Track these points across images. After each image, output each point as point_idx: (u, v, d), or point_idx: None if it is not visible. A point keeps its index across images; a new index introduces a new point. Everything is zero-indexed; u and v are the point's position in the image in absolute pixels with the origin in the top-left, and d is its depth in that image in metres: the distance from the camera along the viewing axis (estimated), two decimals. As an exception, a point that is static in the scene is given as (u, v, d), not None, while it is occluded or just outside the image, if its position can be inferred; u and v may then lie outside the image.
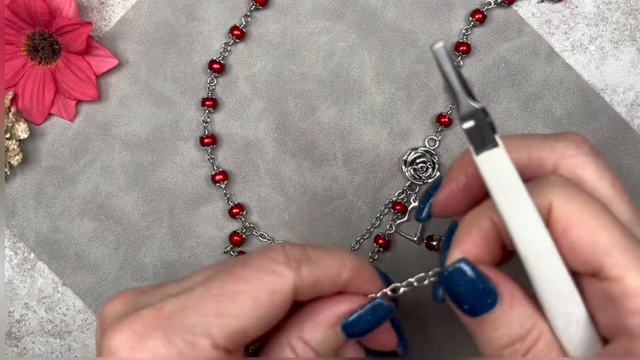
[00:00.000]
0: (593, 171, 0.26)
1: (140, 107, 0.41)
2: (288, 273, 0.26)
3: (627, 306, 0.22)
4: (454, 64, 0.24)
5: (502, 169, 0.24)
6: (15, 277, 0.42)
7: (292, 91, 0.41)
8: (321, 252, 0.27)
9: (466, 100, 0.24)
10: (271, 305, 0.25)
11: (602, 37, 0.41)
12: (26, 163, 0.41)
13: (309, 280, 0.26)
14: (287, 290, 0.26)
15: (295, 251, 0.27)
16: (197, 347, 0.24)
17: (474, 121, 0.24)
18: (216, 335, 0.24)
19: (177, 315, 0.25)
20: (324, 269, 0.27)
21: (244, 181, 0.41)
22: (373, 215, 0.41)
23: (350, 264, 0.27)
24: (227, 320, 0.25)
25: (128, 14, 0.41)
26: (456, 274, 0.25)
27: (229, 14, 0.41)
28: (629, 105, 0.40)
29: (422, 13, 0.41)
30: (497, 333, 0.25)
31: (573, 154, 0.26)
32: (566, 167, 0.26)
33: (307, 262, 0.26)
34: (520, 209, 0.24)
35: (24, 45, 0.40)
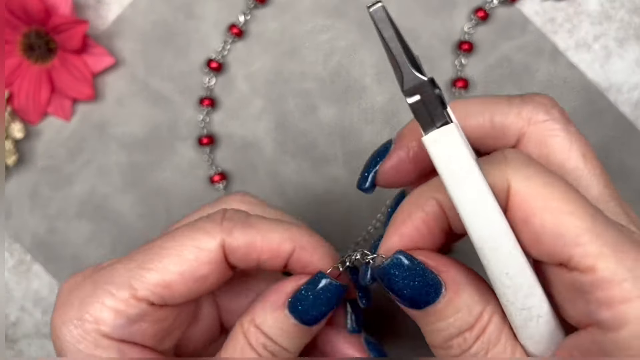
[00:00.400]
0: (563, 139, 0.24)
1: (138, 107, 0.41)
2: (217, 232, 0.26)
3: (599, 297, 0.20)
4: (396, 29, 0.21)
5: (454, 150, 0.21)
6: (11, 279, 0.41)
7: (291, 90, 0.41)
8: (266, 220, 0.27)
9: (410, 71, 0.21)
10: (197, 261, 0.25)
11: (606, 36, 0.40)
12: (22, 163, 0.41)
13: (241, 243, 0.26)
14: (212, 247, 0.26)
15: (236, 215, 0.27)
16: (118, 297, 0.25)
17: (420, 95, 0.21)
18: (137, 287, 0.25)
19: (108, 269, 0.26)
20: (262, 235, 0.26)
21: (243, 181, 0.41)
22: (374, 216, 0.40)
23: (297, 237, 0.27)
24: (149, 273, 0.25)
25: (125, 12, 0.41)
26: (392, 267, 0.23)
27: (227, 12, 0.41)
28: (634, 105, 0.40)
29: (424, 11, 0.40)
30: (443, 323, 0.23)
31: (541, 120, 0.24)
32: (533, 135, 0.24)
33: (244, 226, 0.26)
34: (473, 196, 0.21)
35: (19, 44, 0.40)
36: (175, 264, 0.25)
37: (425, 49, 0.40)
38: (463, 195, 0.21)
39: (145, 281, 0.25)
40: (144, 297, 0.25)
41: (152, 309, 0.26)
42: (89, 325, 0.25)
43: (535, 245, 0.21)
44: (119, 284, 0.25)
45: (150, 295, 0.25)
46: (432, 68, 0.40)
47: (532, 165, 0.22)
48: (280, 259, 0.27)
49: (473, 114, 0.25)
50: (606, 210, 0.23)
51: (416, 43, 0.40)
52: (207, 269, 0.26)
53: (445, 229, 0.24)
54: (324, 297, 0.26)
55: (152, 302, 0.26)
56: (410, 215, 0.24)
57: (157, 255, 0.26)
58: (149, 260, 0.26)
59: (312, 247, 0.27)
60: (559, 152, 0.24)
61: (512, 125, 0.25)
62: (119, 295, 0.25)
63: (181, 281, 0.25)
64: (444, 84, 0.40)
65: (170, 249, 0.26)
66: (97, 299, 0.25)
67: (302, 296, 0.26)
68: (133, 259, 0.26)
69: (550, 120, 0.24)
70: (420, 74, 0.21)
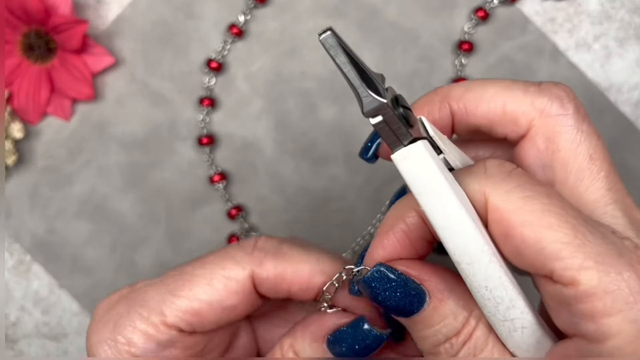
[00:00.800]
0: (571, 138, 0.23)
1: (137, 107, 0.41)
2: (247, 262, 0.26)
3: (582, 310, 0.20)
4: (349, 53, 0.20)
5: (422, 168, 0.21)
6: (11, 279, 0.41)
7: (291, 90, 0.41)
8: (297, 251, 0.26)
9: (367, 94, 0.20)
10: (226, 291, 0.25)
11: (606, 36, 0.40)
12: (21, 163, 0.41)
13: (272, 275, 0.26)
14: (241, 278, 0.26)
15: (268, 243, 0.27)
16: (149, 322, 0.25)
17: (382, 117, 0.21)
18: (167, 313, 0.25)
19: (142, 291, 0.26)
20: (293, 267, 0.26)
21: (242, 182, 0.41)
22: (374, 216, 0.40)
23: (329, 270, 0.26)
24: (179, 300, 0.25)
25: (125, 11, 0.41)
26: (373, 280, 0.23)
27: (227, 12, 0.41)
28: (634, 105, 0.40)
29: (424, 11, 0.40)
30: (430, 330, 0.23)
31: (553, 114, 0.23)
32: (542, 128, 0.23)
33: (276, 256, 0.26)
34: (445, 212, 0.21)
35: (19, 43, 0.40)
36: (205, 293, 0.26)
37: (425, 49, 0.40)
38: (435, 211, 0.21)
39: (175, 308, 0.25)
40: (174, 324, 0.25)
41: (182, 336, 0.26)
42: (122, 347, 0.26)
43: (517, 259, 0.21)
44: (151, 308, 0.26)
45: (179, 322, 0.26)
46: (432, 68, 0.40)
47: (512, 178, 0.22)
48: (311, 291, 0.26)
49: (486, 98, 0.24)
50: (604, 214, 0.23)
51: (416, 43, 0.40)
52: (235, 298, 0.26)
53: (428, 239, 0.24)
54: (363, 343, 0.25)
55: (181, 328, 0.26)
56: (393, 227, 0.24)
57: (188, 282, 0.26)
58: (180, 287, 0.26)
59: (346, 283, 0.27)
60: (564, 150, 0.23)
61: (523, 115, 0.24)
62: (150, 320, 0.26)
63: (210, 310, 0.26)
64: (444, 84, 0.40)
65: (200, 276, 0.26)
66: (130, 321, 0.26)
67: (342, 337, 0.26)
68: (165, 283, 0.26)
69: (562, 116, 0.23)
70: (379, 96, 0.20)
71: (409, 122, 0.21)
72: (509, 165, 0.22)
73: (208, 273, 0.26)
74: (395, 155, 0.21)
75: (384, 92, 0.21)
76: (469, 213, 0.21)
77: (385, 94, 0.21)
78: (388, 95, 0.21)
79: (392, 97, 0.21)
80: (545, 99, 0.24)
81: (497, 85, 0.25)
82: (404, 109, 0.21)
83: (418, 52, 0.40)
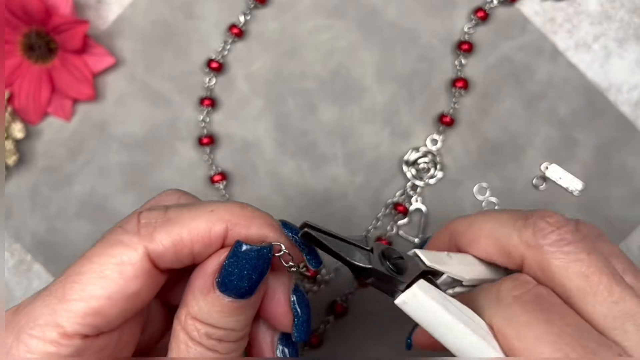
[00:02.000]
0: (560, 263, 0.24)
1: (138, 107, 0.41)
2: (136, 241, 0.23)
3: None
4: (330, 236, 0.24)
5: (423, 306, 0.23)
6: (12, 279, 0.41)
7: (291, 90, 0.41)
8: (186, 210, 0.24)
9: (355, 265, 0.24)
10: (122, 279, 0.23)
11: (606, 36, 0.40)
12: (22, 163, 0.41)
13: (168, 244, 0.24)
14: (137, 260, 0.23)
15: (152, 215, 0.24)
16: (47, 340, 0.23)
17: (372, 277, 0.24)
18: (64, 323, 0.23)
19: (27, 310, 0.23)
20: (187, 227, 0.24)
21: (243, 182, 0.41)
22: (374, 216, 0.40)
23: (226, 215, 0.24)
24: (73, 304, 0.23)
25: (125, 12, 0.41)
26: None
27: (227, 12, 0.41)
28: (634, 105, 0.40)
29: (424, 11, 0.40)
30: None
31: (538, 245, 0.25)
32: (532, 259, 0.25)
33: (165, 225, 0.24)
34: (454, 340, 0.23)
35: (20, 44, 0.40)
36: (100, 288, 0.23)
37: (425, 49, 0.40)
38: (443, 339, 0.24)
39: (71, 315, 0.23)
40: (75, 332, 0.23)
41: (89, 341, 0.23)
42: None
43: None
44: (43, 325, 0.23)
45: (80, 328, 0.23)
46: (431, 68, 0.40)
47: (516, 304, 0.24)
48: (215, 244, 0.24)
49: (484, 234, 0.26)
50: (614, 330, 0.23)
51: (416, 43, 0.40)
52: (136, 283, 0.23)
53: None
54: (250, 265, 0.24)
55: (84, 334, 0.23)
56: None
57: (77, 283, 0.23)
58: (69, 291, 0.23)
59: (246, 220, 0.25)
60: (557, 274, 0.24)
61: (514, 249, 0.25)
62: (47, 337, 0.23)
63: (111, 304, 0.23)
64: (444, 84, 0.40)
65: (90, 272, 0.23)
66: (23, 347, 0.23)
67: (228, 271, 0.24)
68: (52, 292, 0.23)
69: (546, 245, 0.25)
70: (364, 263, 0.24)
71: (400, 271, 0.24)
72: (520, 289, 0.24)
73: (97, 266, 0.23)
74: (397, 301, 0.24)
75: (369, 255, 0.24)
76: (475, 334, 0.23)
77: (371, 256, 0.24)
78: (374, 254, 0.24)
79: (380, 252, 0.24)
80: (529, 232, 0.25)
81: (494, 220, 0.26)
82: (393, 259, 0.24)
83: (418, 52, 0.40)
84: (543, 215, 0.25)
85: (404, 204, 0.40)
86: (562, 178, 0.40)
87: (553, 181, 0.40)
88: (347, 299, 0.40)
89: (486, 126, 0.40)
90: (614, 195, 0.40)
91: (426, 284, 0.24)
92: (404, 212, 0.40)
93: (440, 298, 0.24)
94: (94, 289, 0.23)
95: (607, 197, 0.40)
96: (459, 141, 0.40)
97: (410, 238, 0.40)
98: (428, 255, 0.25)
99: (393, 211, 0.40)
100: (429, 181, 0.40)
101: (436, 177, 0.40)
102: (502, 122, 0.40)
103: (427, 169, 0.40)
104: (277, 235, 0.25)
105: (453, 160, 0.40)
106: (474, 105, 0.40)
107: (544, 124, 0.40)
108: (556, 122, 0.40)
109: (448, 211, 0.40)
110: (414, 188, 0.40)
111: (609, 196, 0.40)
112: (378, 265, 0.24)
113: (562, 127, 0.40)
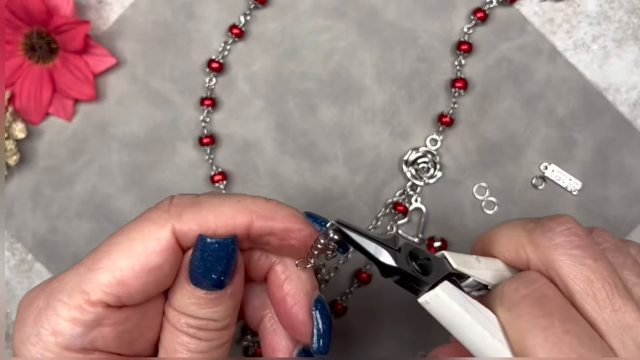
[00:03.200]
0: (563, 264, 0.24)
1: (139, 107, 0.41)
2: (165, 219, 0.25)
3: None
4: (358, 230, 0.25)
5: (444, 306, 0.24)
6: (13, 278, 0.41)
7: (291, 90, 0.41)
8: (216, 197, 0.26)
9: (380, 262, 0.24)
10: (147, 253, 0.24)
11: (604, 36, 0.40)
12: (23, 163, 0.41)
13: (194, 225, 0.25)
14: (163, 236, 0.25)
15: (184, 199, 0.26)
16: (71, 305, 0.24)
17: (398, 275, 0.25)
18: (89, 290, 0.24)
19: (59, 277, 0.25)
20: (214, 212, 0.25)
21: (243, 181, 0.41)
22: (374, 216, 0.40)
23: (251, 206, 0.26)
24: (99, 274, 0.24)
25: (126, 12, 0.41)
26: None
27: (228, 13, 0.41)
28: (632, 105, 0.40)
29: (424, 11, 0.40)
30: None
31: (544, 246, 0.25)
32: (538, 260, 0.25)
33: (194, 207, 0.25)
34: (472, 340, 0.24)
35: (21, 44, 0.40)
36: (125, 258, 0.24)
37: (424, 49, 0.40)
38: (462, 339, 0.24)
39: (97, 282, 0.24)
40: (99, 300, 0.24)
41: (110, 312, 0.24)
42: (47, 339, 0.24)
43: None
44: (70, 290, 0.24)
45: (104, 297, 0.24)
46: (431, 68, 0.40)
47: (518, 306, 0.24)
48: (238, 232, 0.25)
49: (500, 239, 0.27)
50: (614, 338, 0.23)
51: (416, 43, 0.40)
52: (159, 258, 0.25)
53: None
54: (214, 257, 0.25)
55: (107, 303, 0.24)
56: None
57: (106, 253, 0.24)
58: (98, 260, 0.24)
59: (270, 213, 0.26)
60: (561, 274, 0.24)
61: (522, 248, 0.26)
62: (72, 303, 0.24)
63: (134, 275, 0.24)
64: (443, 84, 0.40)
65: (119, 244, 0.25)
66: (51, 311, 0.24)
67: (195, 265, 0.25)
68: (83, 263, 0.25)
69: (554, 245, 0.25)
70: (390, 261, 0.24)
71: (426, 272, 0.25)
72: (524, 289, 0.24)
73: (126, 239, 0.25)
74: (420, 300, 0.25)
75: (396, 254, 0.25)
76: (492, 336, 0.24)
77: (398, 255, 0.25)
78: (402, 253, 0.25)
79: (407, 252, 0.25)
80: (537, 234, 0.25)
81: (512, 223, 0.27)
82: (420, 260, 0.25)
83: (417, 52, 0.40)
84: (554, 218, 0.25)
85: (404, 204, 0.40)
86: (561, 178, 0.40)
87: (552, 181, 0.40)
88: (346, 299, 0.40)
89: (485, 126, 0.40)
90: (613, 195, 0.40)
91: (450, 285, 0.25)
92: (403, 212, 0.40)
93: (462, 300, 0.24)
94: (120, 259, 0.24)
95: (605, 197, 0.40)
96: (459, 141, 0.40)
97: (410, 238, 0.40)
98: (456, 258, 0.26)
99: (393, 211, 0.40)
100: (428, 181, 0.40)
101: (436, 177, 0.40)
102: (501, 122, 0.40)
103: (427, 168, 0.40)
104: (302, 226, 0.26)
105: (452, 160, 0.40)
106: (474, 105, 0.40)
107: (543, 124, 0.40)
108: (555, 122, 0.40)
109: (447, 211, 0.40)
110: (413, 188, 0.40)
111: (608, 196, 0.40)
112: (404, 265, 0.25)
113: (561, 127, 0.40)
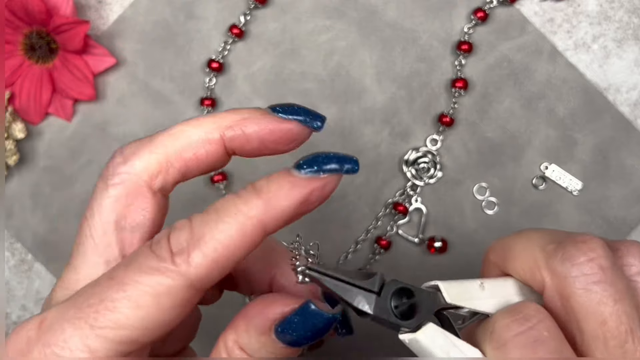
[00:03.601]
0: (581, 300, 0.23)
1: (138, 107, 0.41)
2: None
3: None
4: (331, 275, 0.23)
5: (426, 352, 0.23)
6: (12, 279, 0.41)
7: (291, 90, 0.41)
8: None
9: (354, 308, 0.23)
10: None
11: (605, 36, 0.40)
12: (23, 163, 0.41)
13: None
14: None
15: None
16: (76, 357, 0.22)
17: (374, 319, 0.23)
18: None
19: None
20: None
21: (243, 181, 0.41)
22: (374, 216, 0.40)
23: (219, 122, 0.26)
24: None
25: (126, 12, 0.41)
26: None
27: (228, 13, 0.41)
28: (633, 105, 0.40)
29: (424, 11, 0.40)
30: None
31: (563, 275, 0.23)
32: (554, 288, 0.23)
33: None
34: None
35: (21, 44, 0.40)
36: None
37: (424, 49, 0.40)
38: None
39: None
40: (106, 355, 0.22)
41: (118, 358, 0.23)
42: None
43: None
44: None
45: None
46: (431, 68, 0.40)
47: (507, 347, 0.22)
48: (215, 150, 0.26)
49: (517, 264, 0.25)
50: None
51: (416, 43, 0.40)
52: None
53: None
54: (315, 328, 0.24)
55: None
56: None
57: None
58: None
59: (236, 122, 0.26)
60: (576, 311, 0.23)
61: (538, 271, 0.24)
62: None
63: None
64: (443, 84, 0.40)
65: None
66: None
67: (292, 327, 0.24)
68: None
69: (572, 277, 0.23)
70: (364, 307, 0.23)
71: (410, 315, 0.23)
72: (517, 326, 0.23)
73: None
74: (400, 337, 0.24)
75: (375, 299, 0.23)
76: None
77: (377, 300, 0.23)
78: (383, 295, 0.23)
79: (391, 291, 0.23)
80: (557, 260, 0.23)
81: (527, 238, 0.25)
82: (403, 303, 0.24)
83: (417, 52, 0.40)
84: (578, 242, 0.23)
85: (404, 204, 0.40)
86: (561, 178, 0.40)
87: (552, 181, 0.40)
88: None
89: (486, 126, 0.40)
90: (613, 195, 0.40)
91: (433, 328, 0.23)
92: (403, 212, 0.40)
93: (445, 345, 0.23)
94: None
95: (606, 197, 0.40)
96: (459, 141, 0.40)
97: (410, 238, 0.40)
98: (453, 289, 0.24)
99: (393, 211, 0.40)
100: (428, 181, 0.40)
101: (436, 177, 0.40)
102: (501, 122, 0.40)
103: (427, 168, 0.40)
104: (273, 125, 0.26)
105: (453, 160, 0.40)
106: (474, 105, 0.40)
107: (543, 124, 0.40)
108: (555, 122, 0.40)
109: (448, 211, 0.40)
110: (413, 188, 0.40)
111: (608, 196, 0.40)
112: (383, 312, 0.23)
113: (562, 127, 0.40)
